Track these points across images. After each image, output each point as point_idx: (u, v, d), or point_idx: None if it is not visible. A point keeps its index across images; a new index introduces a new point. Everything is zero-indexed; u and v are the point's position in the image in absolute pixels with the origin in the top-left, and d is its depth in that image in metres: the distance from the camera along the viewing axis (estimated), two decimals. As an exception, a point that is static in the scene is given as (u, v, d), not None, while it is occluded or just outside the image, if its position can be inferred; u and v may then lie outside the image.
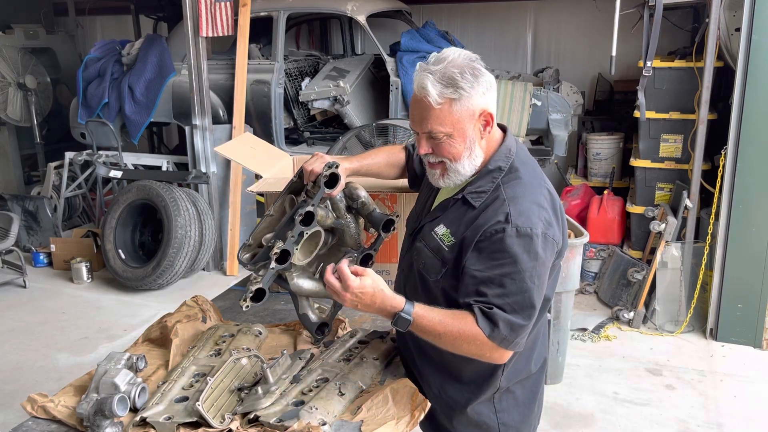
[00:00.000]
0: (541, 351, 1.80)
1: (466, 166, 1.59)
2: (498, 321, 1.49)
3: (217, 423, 1.53)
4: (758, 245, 3.81)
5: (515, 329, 1.50)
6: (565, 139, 5.17)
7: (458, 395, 1.72)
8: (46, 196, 5.99)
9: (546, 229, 1.52)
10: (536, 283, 1.51)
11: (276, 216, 1.95)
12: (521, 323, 1.51)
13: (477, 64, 1.55)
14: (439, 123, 1.54)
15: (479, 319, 1.50)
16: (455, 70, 1.51)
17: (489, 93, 1.56)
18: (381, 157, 2.02)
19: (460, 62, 1.53)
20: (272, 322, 2.21)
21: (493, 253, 1.51)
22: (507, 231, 1.50)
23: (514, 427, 1.76)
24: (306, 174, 1.86)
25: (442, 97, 1.51)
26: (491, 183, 1.59)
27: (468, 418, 1.72)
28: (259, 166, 2.65)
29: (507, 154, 1.62)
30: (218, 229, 5.29)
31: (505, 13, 6.57)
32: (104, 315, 4.68)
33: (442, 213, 1.67)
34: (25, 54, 6.87)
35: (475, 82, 1.52)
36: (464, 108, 1.53)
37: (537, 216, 1.52)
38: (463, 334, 1.51)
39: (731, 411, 3.36)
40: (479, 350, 1.53)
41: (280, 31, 5.46)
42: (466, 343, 1.52)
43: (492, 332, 1.49)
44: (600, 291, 4.71)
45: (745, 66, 3.67)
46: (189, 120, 5.30)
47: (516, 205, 1.53)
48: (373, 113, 5.57)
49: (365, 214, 1.98)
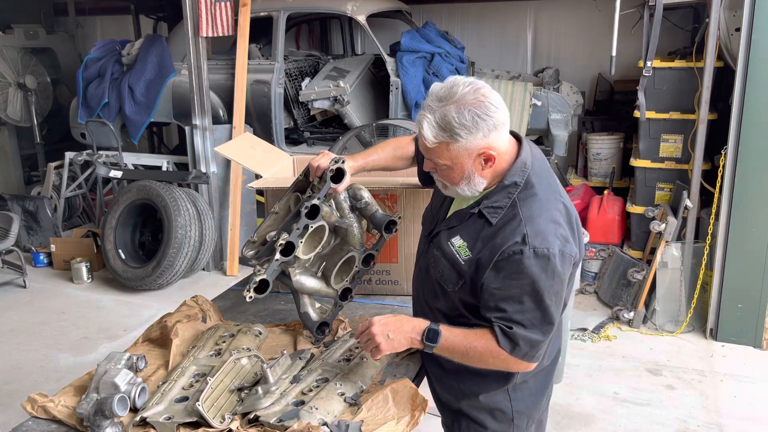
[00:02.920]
0: (555, 345, 1.85)
1: (466, 190, 1.63)
2: (518, 339, 1.55)
3: (217, 423, 1.54)
4: (758, 245, 3.81)
5: (535, 345, 1.57)
6: (565, 139, 5.18)
7: (475, 387, 1.77)
8: (46, 196, 5.99)
9: (563, 247, 1.55)
10: (554, 300, 1.56)
11: (281, 214, 1.97)
12: (540, 339, 1.57)
13: (483, 105, 1.50)
14: (437, 156, 1.58)
15: (500, 339, 1.56)
16: (454, 115, 1.50)
17: (492, 133, 1.53)
18: (387, 150, 2.04)
19: (464, 102, 1.50)
20: (272, 322, 2.21)
21: (511, 274, 1.55)
22: (525, 253, 1.53)
23: (526, 414, 1.82)
24: (312, 170, 1.88)
25: (437, 138, 1.54)
26: (507, 198, 1.60)
27: (483, 404, 1.78)
28: (259, 166, 2.65)
29: (523, 168, 1.62)
30: (218, 229, 5.29)
31: (505, 13, 6.57)
32: (104, 315, 4.68)
33: (459, 223, 1.69)
34: (25, 54, 6.87)
35: (474, 127, 1.50)
36: (461, 149, 1.54)
37: (554, 235, 1.55)
38: (488, 351, 1.59)
39: (731, 411, 3.36)
40: (506, 364, 1.62)
41: (280, 31, 5.45)
42: (492, 358, 1.60)
43: (513, 350, 1.57)
44: (600, 291, 4.71)
45: (745, 66, 3.67)
46: (189, 120, 5.30)
47: (533, 225, 1.55)
48: (373, 113, 5.57)
49: (368, 215, 2.00)
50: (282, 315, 2.29)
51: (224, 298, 2.49)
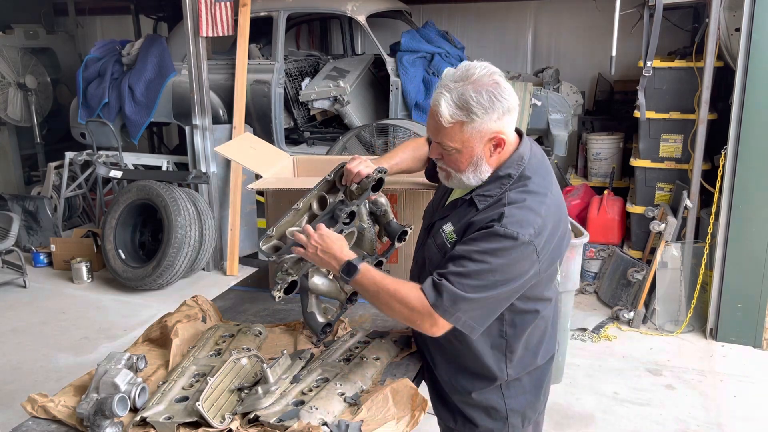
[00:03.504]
0: (549, 347, 1.84)
1: (471, 178, 1.64)
2: (443, 291, 1.53)
3: (217, 423, 1.54)
4: (758, 245, 3.81)
5: (457, 302, 1.53)
6: (565, 139, 5.17)
7: (467, 383, 1.78)
8: (46, 196, 5.99)
9: (534, 238, 1.54)
10: (498, 279, 1.53)
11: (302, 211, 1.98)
12: (466, 296, 1.52)
13: (499, 87, 1.54)
14: (449, 139, 1.58)
15: (426, 285, 1.55)
16: (472, 93, 1.52)
17: (505, 117, 1.56)
18: (408, 152, 2.06)
19: (481, 83, 1.53)
20: (272, 322, 2.21)
21: (473, 240, 1.56)
22: (494, 227, 1.53)
23: (521, 412, 1.81)
24: (351, 175, 1.90)
25: (454, 117, 1.55)
26: (499, 189, 1.62)
27: (477, 402, 1.78)
28: (259, 166, 2.66)
29: (519, 162, 1.63)
30: (218, 229, 5.29)
31: (505, 13, 6.57)
32: (104, 315, 4.68)
33: (451, 212, 1.71)
34: (25, 54, 6.87)
35: (490, 107, 1.53)
36: (475, 130, 1.56)
37: (529, 223, 1.54)
38: (398, 293, 1.57)
39: (731, 411, 3.36)
40: (411, 316, 1.58)
41: (280, 31, 5.45)
42: (399, 304, 1.58)
43: (435, 300, 1.54)
44: (600, 291, 4.71)
45: (745, 66, 3.67)
46: (189, 120, 5.30)
47: (512, 208, 1.56)
48: (373, 113, 5.58)
49: (384, 222, 2.03)
50: (282, 315, 2.30)
51: (224, 298, 2.50)
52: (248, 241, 5.52)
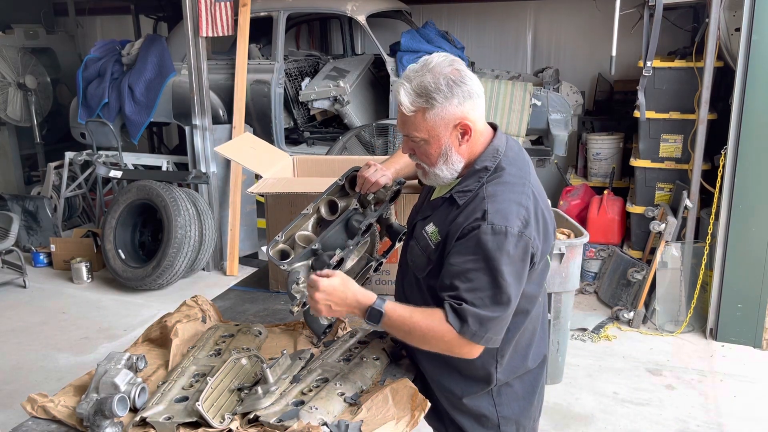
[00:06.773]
0: (540, 348, 1.82)
1: (444, 171, 1.64)
2: (467, 317, 1.51)
3: (217, 423, 1.53)
4: (758, 245, 3.81)
5: (484, 324, 1.52)
6: (565, 139, 5.17)
7: (454, 387, 1.75)
8: (46, 196, 5.99)
9: (523, 228, 1.53)
10: (508, 281, 1.51)
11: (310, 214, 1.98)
12: (490, 316, 1.51)
13: (459, 73, 1.56)
14: (414, 129, 1.60)
15: (449, 315, 1.52)
16: (430, 80, 1.54)
17: (467, 102, 1.57)
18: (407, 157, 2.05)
19: (439, 71, 1.55)
20: (272, 322, 2.21)
21: (467, 249, 1.54)
22: (482, 228, 1.52)
23: (514, 420, 1.78)
24: (367, 184, 1.90)
25: (414, 105, 1.56)
26: (477, 182, 1.62)
27: (467, 408, 1.75)
28: (259, 166, 2.66)
29: (494, 154, 1.64)
30: (218, 229, 5.29)
31: (505, 13, 6.57)
32: (104, 315, 4.68)
33: (432, 212, 1.71)
34: (25, 54, 6.87)
35: (449, 92, 1.54)
36: (438, 117, 1.57)
37: (515, 215, 1.54)
38: (431, 330, 1.54)
39: (731, 411, 3.36)
40: (448, 347, 1.56)
41: (280, 31, 5.46)
42: (434, 339, 1.55)
43: (462, 328, 1.51)
44: (600, 291, 4.71)
45: (745, 66, 3.67)
46: (189, 120, 5.30)
47: (494, 202, 1.55)
48: (373, 113, 5.58)
49: (386, 224, 2.02)
50: (282, 315, 2.30)
51: (224, 298, 2.50)
52: (248, 241, 5.53)
